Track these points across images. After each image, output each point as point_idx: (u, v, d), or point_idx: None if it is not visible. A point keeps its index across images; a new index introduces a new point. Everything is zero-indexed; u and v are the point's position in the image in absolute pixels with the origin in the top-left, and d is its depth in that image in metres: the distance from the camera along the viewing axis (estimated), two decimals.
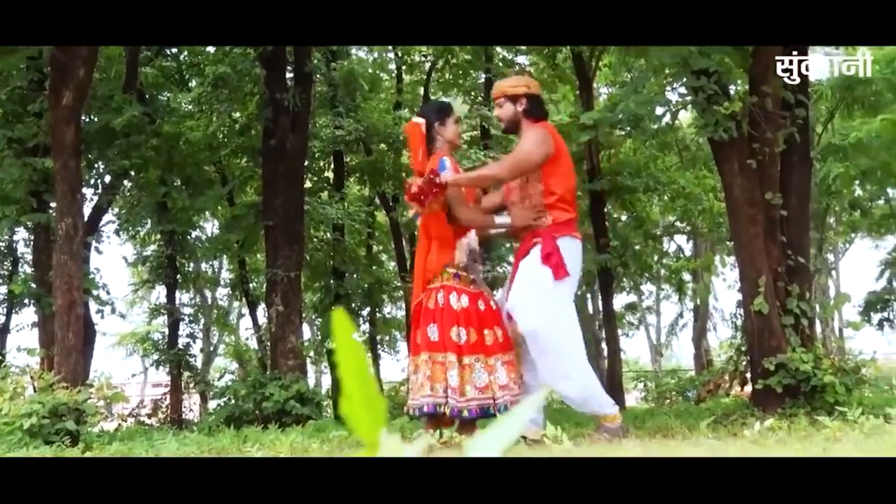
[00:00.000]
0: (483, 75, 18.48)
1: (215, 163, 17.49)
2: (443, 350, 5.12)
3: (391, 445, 0.65)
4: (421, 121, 5.57)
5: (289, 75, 13.02)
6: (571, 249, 5.23)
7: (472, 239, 5.47)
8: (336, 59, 16.18)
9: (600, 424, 5.12)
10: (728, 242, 20.21)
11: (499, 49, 17.86)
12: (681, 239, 28.21)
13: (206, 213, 20.04)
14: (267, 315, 12.70)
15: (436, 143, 5.49)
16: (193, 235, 19.69)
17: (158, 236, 18.57)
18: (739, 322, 12.10)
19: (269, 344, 12.63)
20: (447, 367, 5.08)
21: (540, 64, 18.29)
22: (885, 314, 25.58)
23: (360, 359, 0.63)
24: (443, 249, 5.32)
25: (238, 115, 16.45)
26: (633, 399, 23.11)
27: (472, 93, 19.47)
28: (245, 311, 24.89)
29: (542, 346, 4.99)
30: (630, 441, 4.70)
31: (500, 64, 18.06)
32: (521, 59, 18.92)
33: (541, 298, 5.06)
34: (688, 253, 27.57)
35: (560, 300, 5.12)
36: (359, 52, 19.81)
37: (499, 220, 5.48)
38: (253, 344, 21.22)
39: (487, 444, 0.64)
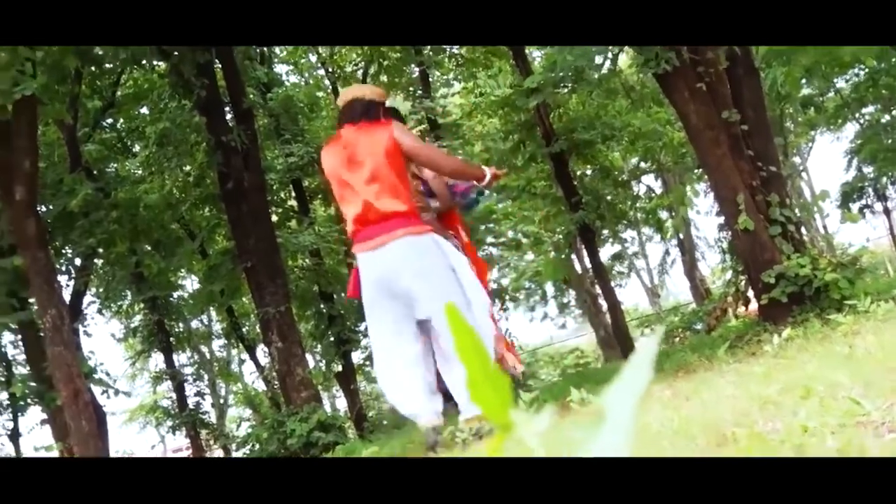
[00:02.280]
0: (416, 69, 18.48)
1: (179, 220, 17.42)
2: None
3: (522, 423, 0.64)
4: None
5: (228, 116, 12.95)
6: (362, 266, 4.96)
7: None
8: (270, 90, 16.13)
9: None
10: (696, 171, 20.32)
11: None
12: (648, 179, 28.35)
13: (183, 271, 19.96)
14: (268, 354, 12.66)
15: None
16: (176, 296, 19.62)
17: (142, 305, 18.49)
18: (726, 245, 12.13)
19: (277, 382, 12.58)
20: None
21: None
22: (864, 201, 25.82)
23: (477, 345, 0.62)
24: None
25: (189, 167, 16.37)
26: None
27: (411, 88, 19.46)
28: (245, 356, 24.83)
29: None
30: (656, 385, 4.69)
31: (431, 54, 18.06)
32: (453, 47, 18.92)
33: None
34: (658, 191, 27.70)
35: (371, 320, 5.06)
36: (290, 78, 19.79)
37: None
38: (261, 386, 21.17)
39: (622, 394, 0.63)
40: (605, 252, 26.66)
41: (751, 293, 9.00)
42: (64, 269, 15.39)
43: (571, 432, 1.98)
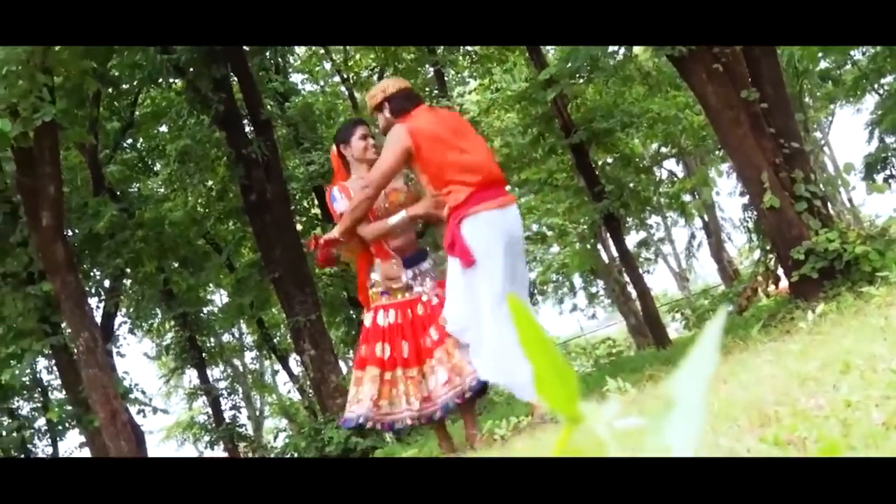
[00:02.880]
0: (431, 69, 18.49)
1: (204, 235, 17.51)
2: (369, 365, 5.11)
3: (592, 414, 0.63)
4: (333, 147, 5.53)
5: (247, 129, 13.01)
6: (478, 225, 4.92)
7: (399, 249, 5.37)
8: (287, 99, 16.19)
9: (534, 411, 5.01)
10: (718, 152, 20.21)
11: None
12: (670, 164, 28.23)
13: (211, 285, 20.06)
14: (301, 363, 12.71)
15: (351, 165, 5.39)
16: (206, 311, 19.71)
17: (172, 323, 18.60)
18: (752, 224, 12.03)
19: (312, 390, 12.63)
20: (368, 382, 5.09)
21: None
22: (888, 171, 25.58)
23: (542, 339, 0.61)
24: (361, 271, 5.33)
25: (211, 182, 16.46)
26: (674, 331, 23.08)
27: (427, 88, 19.46)
28: (278, 366, 24.92)
29: (473, 338, 4.90)
30: None
31: (445, 53, 18.07)
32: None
33: (457, 293, 4.96)
34: (681, 175, 27.57)
35: (474, 290, 4.94)
36: (305, 86, 19.86)
37: (393, 220, 5.21)
38: (296, 395, 21.23)
39: (695, 369, 0.63)
40: (631, 240, 26.60)
41: (780, 271, 8.93)
42: (93, 291, 15.51)
43: (641, 420, 1.97)
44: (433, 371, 5.05)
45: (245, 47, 13.07)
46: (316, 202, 18.39)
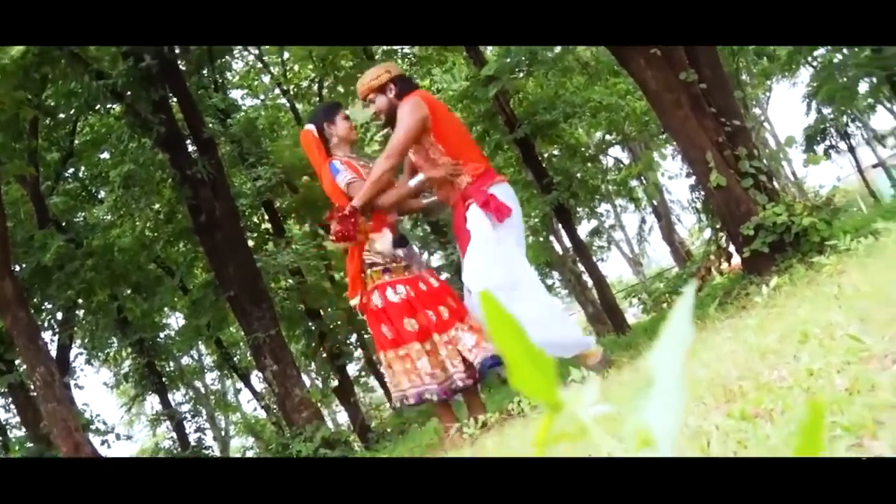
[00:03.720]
0: None
1: (155, 259, 17.34)
2: (401, 344, 5.11)
3: (572, 399, 0.63)
4: (311, 126, 5.49)
5: (191, 148, 12.88)
6: (504, 192, 5.24)
7: (392, 226, 5.43)
8: (229, 116, 16.07)
9: (583, 364, 5.08)
10: (661, 136, 20.38)
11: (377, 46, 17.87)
12: (615, 151, 28.43)
13: (166, 309, 19.87)
14: (264, 379, 12.62)
15: (332, 145, 5.43)
16: (162, 336, 19.53)
17: (129, 350, 18.39)
18: (700, 204, 12.16)
19: (276, 406, 12.55)
20: (414, 358, 5.08)
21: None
22: (828, 142, 26.00)
23: (514, 329, 0.61)
24: (354, 257, 5.30)
25: (158, 205, 16.29)
26: (632, 317, 23.22)
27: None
28: (240, 384, 24.73)
29: (502, 301, 4.92)
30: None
31: (384, 58, 18.04)
32: (403, 48, 18.92)
33: (487, 255, 5.04)
34: (627, 161, 27.79)
35: (506, 248, 5.10)
36: (246, 101, 19.73)
37: (414, 181, 5.41)
38: (260, 413, 21.10)
39: (669, 347, 0.62)
40: (583, 229, 26.75)
41: (732, 248, 9.03)
42: (46, 324, 15.30)
43: (622, 400, 1.98)
44: (459, 339, 5.10)
45: (182, 66, 12.96)
46: (266, 217, 18.29)
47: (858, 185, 29.53)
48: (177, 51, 12.65)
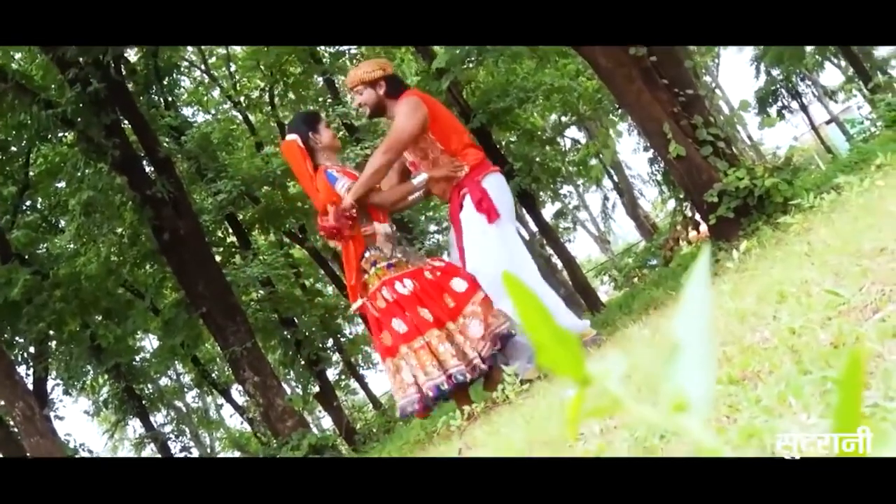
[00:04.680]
0: (321, 79, 18.41)
1: (123, 283, 17.21)
2: (419, 333, 5.08)
3: (600, 373, 0.64)
4: (295, 137, 5.40)
5: (148, 169, 12.79)
6: (497, 183, 5.34)
7: (388, 224, 5.46)
8: (183, 133, 15.98)
9: (583, 340, 5.13)
10: (616, 112, 20.47)
11: (322, 46, 17.83)
12: (572, 132, 28.53)
13: (139, 332, 19.73)
14: (245, 392, 12.57)
15: (317, 154, 5.41)
16: (138, 359, 19.40)
17: (106, 376, 18.26)
18: (661, 177, 12.24)
19: (260, 417, 12.50)
20: (434, 346, 5.05)
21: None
22: (780, 103, 26.26)
23: (540, 310, 0.62)
24: (353, 257, 5.28)
25: (120, 229, 16.15)
26: (604, 294, 23.37)
27: (320, 98, 19.38)
28: (221, 400, 24.61)
29: (502, 289, 4.98)
30: (632, 328, 4.73)
31: (332, 60, 18.01)
32: (346, 45, 18.85)
33: (487, 244, 5.10)
34: (584, 141, 27.89)
35: (503, 237, 5.17)
36: (198, 117, 19.62)
37: (417, 180, 5.45)
38: (245, 426, 21.01)
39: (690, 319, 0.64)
40: (547, 212, 26.87)
41: (697, 217, 9.09)
42: (20, 359, 15.15)
43: (652, 369, 1.99)
44: (468, 326, 5.11)
45: (129, 87, 12.86)
46: (230, 230, 18.20)
47: (814, 143, 29.85)
48: (123, 72, 12.55)
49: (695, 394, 0.61)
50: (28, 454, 8.88)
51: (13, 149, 14.50)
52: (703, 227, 8.98)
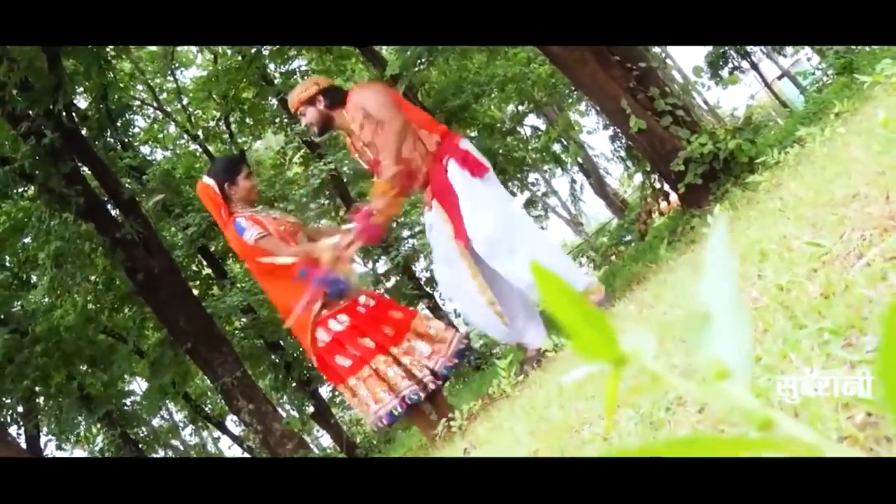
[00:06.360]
0: (274, 100, 18.37)
1: (103, 330, 17.08)
2: (365, 363, 5.07)
3: (634, 352, 0.63)
4: (212, 182, 5.33)
5: (115, 212, 12.70)
6: (473, 144, 5.33)
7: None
8: (144, 172, 15.90)
9: (590, 298, 5.13)
10: (573, 94, 20.53)
11: (272, 67, 17.81)
12: (531, 120, 28.59)
13: (126, 376, 19.61)
14: (241, 421, 12.52)
15: (231, 203, 5.31)
16: (129, 402, 19.29)
17: (99, 425, 18.15)
18: (624, 153, 12.28)
19: (259, 445, 12.46)
20: (382, 371, 5.05)
21: (313, 55, 18.24)
22: (731, 64, 26.46)
23: (569, 294, 0.61)
24: (292, 298, 5.04)
25: (94, 276, 16.03)
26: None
27: (277, 119, 19.33)
28: (217, 433, 24.49)
29: (508, 245, 4.95)
30: (618, 305, 4.74)
31: (279, 77, 17.99)
32: (296, 64, 18.84)
33: (480, 204, 5.04)
34: (543, 127, 27.96)
35: (495, 193, 5.16)
36: (157, 154, 19.51)
37: (330, 241, 5.01)
38: (245, 455, 20.90)
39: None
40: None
41: (666, 187, 9.14)
42: (10, 419, 15.02)
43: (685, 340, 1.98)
44: (415, 349, 5.12)
45: (84, 133, 12.77)
46: (204, 262, 18.11)
47: (770, 99, 30.09)
48: (76, 119, 12.46)
49: (734, 360, 0.61)
50: None
51: None
52: (674, 197, 9.03)
